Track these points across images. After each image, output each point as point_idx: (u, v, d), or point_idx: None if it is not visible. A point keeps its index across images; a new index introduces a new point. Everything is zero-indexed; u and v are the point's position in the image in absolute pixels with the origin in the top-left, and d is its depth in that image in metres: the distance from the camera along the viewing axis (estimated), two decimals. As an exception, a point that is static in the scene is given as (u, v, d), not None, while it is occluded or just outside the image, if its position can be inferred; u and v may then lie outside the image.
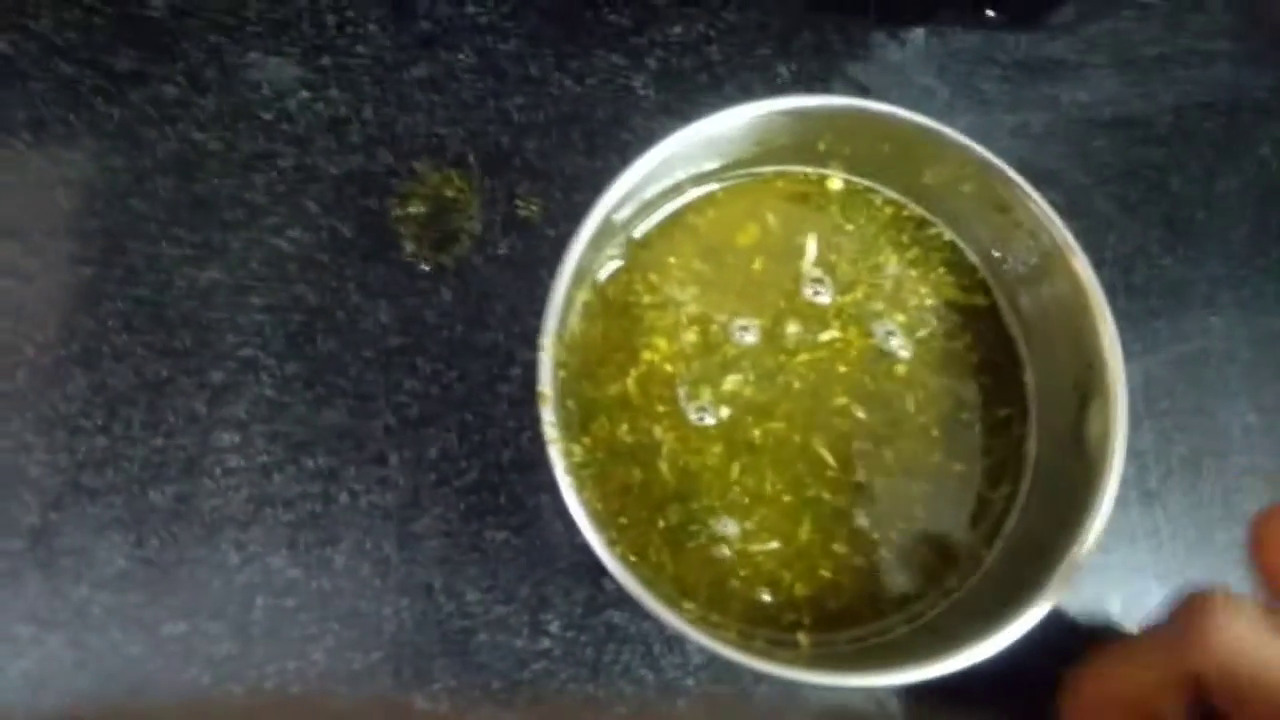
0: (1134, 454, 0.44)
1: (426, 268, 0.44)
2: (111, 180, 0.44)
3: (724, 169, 0.40)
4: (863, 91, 0.47)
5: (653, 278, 0.39)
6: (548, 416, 0.33)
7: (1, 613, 0.39)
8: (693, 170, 0.39)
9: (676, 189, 0.40)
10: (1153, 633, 0.32)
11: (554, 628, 0.40)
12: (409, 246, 0.44)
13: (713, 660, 0.40)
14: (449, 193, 0.44)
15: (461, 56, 0.46)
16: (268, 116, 0.45)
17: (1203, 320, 0.47)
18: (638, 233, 0.39)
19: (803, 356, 0.39)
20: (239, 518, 0.40)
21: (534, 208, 0.44)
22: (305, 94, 0.45)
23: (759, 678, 0.39)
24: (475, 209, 0.44)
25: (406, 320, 0.43)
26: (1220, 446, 0.45)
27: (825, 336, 0.39)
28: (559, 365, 0.36)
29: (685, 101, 0.46)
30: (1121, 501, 0.42)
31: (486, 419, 0.42)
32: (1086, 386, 0.36)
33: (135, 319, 0.42)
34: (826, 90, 0.47)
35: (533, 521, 0.41)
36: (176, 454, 0.41)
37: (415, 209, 0.44)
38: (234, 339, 0.42)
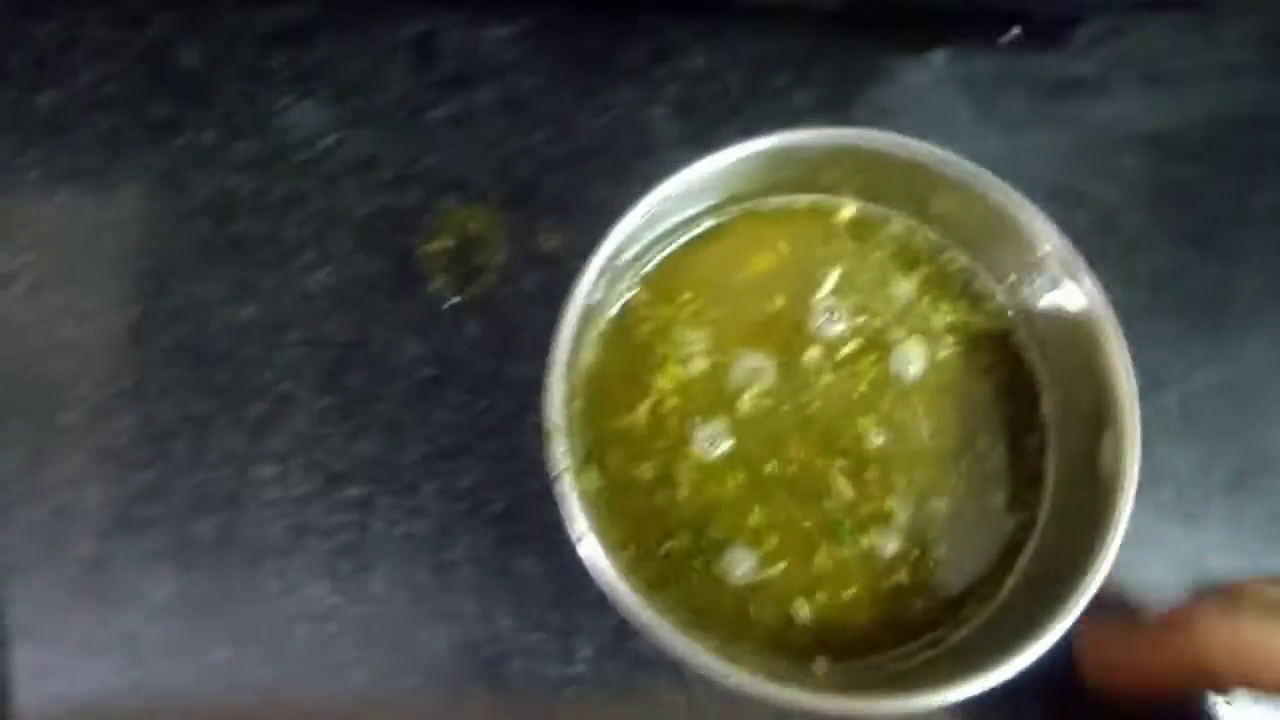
0: (1171, 478, 0.43)
1: (454, 301, 0.44)
2: (153, 224, 0.45)
3: (732, 201, 0.40)
4: (884, 115, 0.47)
5: (663, 311, 0.39)
6: (559, 448, 0.33)
7: (56, 642, 0.41)
8: (701, 205, 0.39)
9: (687, 223, 0.40)
10: (1169, 616, 0.34)
11: (585, 653, 0.41)
12: (436, 281, 0.45)
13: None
14: (474, 228, 0.45)
15: (483, 95, 0.47)
16: (299, 159, 0.46)
17: (1240, 338, 0.45)
18: (649, 267, 0.40)
19: (825, 379, 0.39)
20: (279, 547, 0.42)
21: (557, 241, 0.45)
22: (334, 136, 0.46)
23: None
24: (500, 243, 0.45)
25: (436, 353, 0.44)
26: (1264, 467, 0.44)
27: (844, 353, 0.39)
28: (573, 397, 0.37)
29: (706, 130, 0.46)
30: (1160, 525, 0.42)
31: (514, 450, 0.42)
32: (1100, 413, 0.36)
33: (178, 356, 0.44)
34: (847, 115, 0.47)
35: (560, 549, 0.41)
36: (219, 486, 0.42)
37: (441, 244, 0.45)
38: (270, 375, 0.43)
